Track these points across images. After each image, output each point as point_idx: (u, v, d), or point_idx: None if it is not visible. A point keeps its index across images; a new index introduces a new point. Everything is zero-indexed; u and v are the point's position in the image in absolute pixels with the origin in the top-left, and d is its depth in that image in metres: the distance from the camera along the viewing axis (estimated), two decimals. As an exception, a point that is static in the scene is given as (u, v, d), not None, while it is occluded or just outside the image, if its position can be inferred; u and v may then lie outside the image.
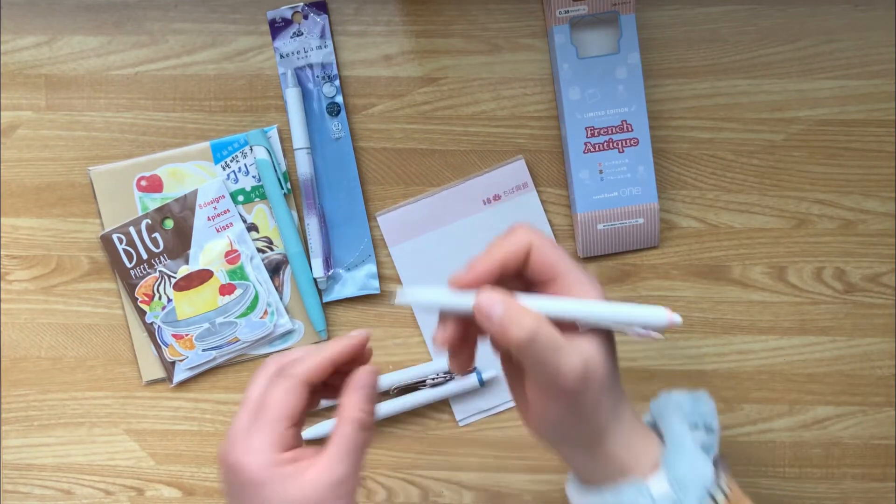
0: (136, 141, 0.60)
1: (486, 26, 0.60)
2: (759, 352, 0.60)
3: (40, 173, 0.61)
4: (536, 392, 0.40)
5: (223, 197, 0.60)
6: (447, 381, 0.60)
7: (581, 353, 0.38)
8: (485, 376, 0.60)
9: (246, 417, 0.41)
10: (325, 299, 0.60)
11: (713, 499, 0.40)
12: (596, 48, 0.58)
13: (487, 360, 0.61)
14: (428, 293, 0.40)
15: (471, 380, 0.60)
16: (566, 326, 0.39)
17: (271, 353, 0.61)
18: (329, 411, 0.60)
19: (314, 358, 0.42)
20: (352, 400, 0.41)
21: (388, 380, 0.60)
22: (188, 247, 0.60)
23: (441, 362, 0.60)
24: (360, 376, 0.42)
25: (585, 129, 0.58)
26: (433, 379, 0.60)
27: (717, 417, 0.44)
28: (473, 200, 0.60)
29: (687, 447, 0.41)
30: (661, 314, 0.39)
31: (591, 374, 0.38)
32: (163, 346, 0.60)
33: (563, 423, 0.40)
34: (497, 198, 0.60)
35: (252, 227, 0.60)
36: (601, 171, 0.58)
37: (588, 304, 0.39)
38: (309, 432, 0.59)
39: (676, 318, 0.39)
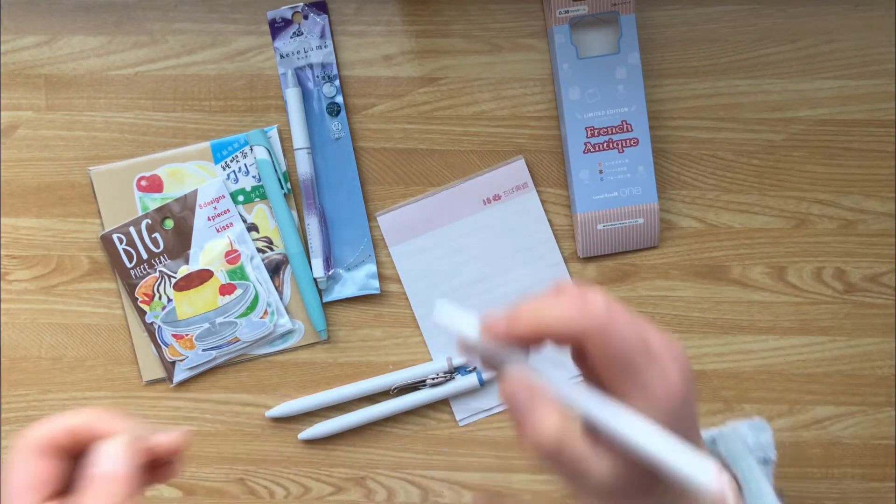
0: (136, 141, 0.60)
1: (486, 26, 0.60)
2: (759, 352, 0.60)
3: (40, 173, 0.61)
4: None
5: (223, 197, 0.60)
6: (447, 380, 0.60)
7: (612, 473, 0.32)
8: (485, 376, 0.60)
9: None
10: (326, 299, 0.60)
11: None
12: (596, 48, 0.58)
13: (487, 360, 0.61)
14: (467, 323, 0.34)
15: (471, 380, 0.60)
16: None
17: (270, 354, 0.61)
18: (331, 410, 0.60)
19: (52, 422, 0.35)
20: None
21: (388, 380, 0.60)
22: (188, 247, 0.60)
23: (441, 362, 0.60)
24: (101, 457, 0.35)
25: (585, 129, 0.58)
26: (433, 379, 0.60)
27: (774, 447, 0.41)
28: (473, 200, 0.60)
29: (767, 499, 0.38)
30: (706, 476, 0.31)
31: (628, 487, 0.33)
32: (163, 346, 0.60)
33: None
34: (497, 198, 0.60)
35: (252, 227, 0.60)
36: (601, 171, 0.58)
37: (629, 424, 0.32)
38: (307, 433, 0.60)
39: (720, 489, 0.31)
